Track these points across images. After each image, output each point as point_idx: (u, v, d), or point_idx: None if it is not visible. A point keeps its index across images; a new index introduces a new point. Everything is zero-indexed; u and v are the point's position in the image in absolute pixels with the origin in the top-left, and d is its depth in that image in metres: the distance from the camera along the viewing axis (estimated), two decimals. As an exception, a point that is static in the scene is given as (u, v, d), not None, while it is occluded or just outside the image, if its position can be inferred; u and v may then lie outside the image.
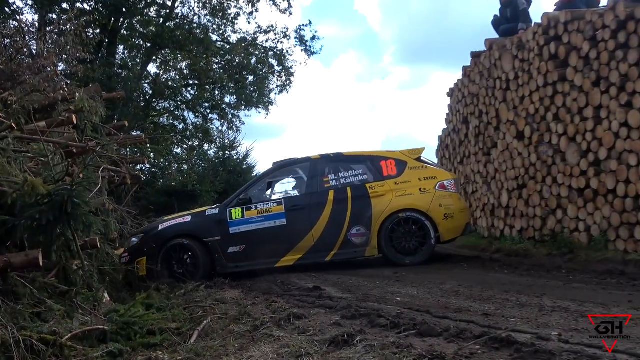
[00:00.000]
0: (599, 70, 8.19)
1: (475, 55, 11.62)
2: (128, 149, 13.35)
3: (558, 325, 4.44)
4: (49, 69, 9.76)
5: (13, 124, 6.83)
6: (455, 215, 8.65)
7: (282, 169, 9.49)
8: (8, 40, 9.61)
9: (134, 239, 8.93)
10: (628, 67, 7.74)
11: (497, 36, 11.39)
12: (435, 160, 13.16)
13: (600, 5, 10.06)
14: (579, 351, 3.62)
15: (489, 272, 7.59)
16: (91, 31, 17.62)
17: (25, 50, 10.95)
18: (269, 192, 9.38)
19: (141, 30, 19.95)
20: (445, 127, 13.40)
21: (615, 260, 7.59)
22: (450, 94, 12.96)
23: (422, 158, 9.19)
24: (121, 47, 20.53)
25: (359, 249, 8.69)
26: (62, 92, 9.23)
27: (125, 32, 20.04)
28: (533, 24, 10.07)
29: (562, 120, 8.92)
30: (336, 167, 9.06)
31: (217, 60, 20.80)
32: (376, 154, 9.27)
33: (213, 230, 8.79)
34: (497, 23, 11.53)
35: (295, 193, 9.25)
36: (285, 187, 9.49)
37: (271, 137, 53.02)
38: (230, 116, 21.29)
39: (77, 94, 9.28)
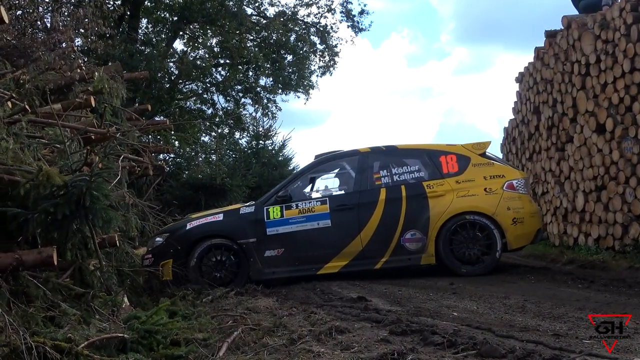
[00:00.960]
0: (696, 54, 8.06)
1: (550, 35, 11.51)
2: (150, 136, 13.53)
3: (641, 350, 4.41)
4: (65, 45, 9.99)
5: (26, 106, 6.96)
6: (525, 220, 8.51)
7: (327, 162, 9.50)
8: (20, 11, 9.85)
9: (158, 239, 8.94)
10: None
11: (576, 12, 11.27)
12: (500, 156, 13.07)
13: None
14: (666, 381, 3.59)
15: (560, 286, 7.52)
16: (112, 3, 17.98)
17: (39, 23, 11.23)
18: (311, 189, 9.41)
19: (167, 1, 20.18)
20: (513, 117, 13.30)
21: None
22: (520, 79, 12.86)
23: (487, 153, 9.11)
24: (144, 21, 20.85)
25: (413, 256, 8.64)
26: (79, 70, 9.44)
27: (149, 3, 20.30)
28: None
29: (650, 112, 8.81)
30: (388, 162, 9.01)
31: (251, 37, 20.93)
32: (435, 147, 9.22)
33: (248, 231, 8.78)
34: (576, -2, 11.43)
35: (342, 191, 9.24)
36: (330, 183, 9.51)
37: (311, 125, 53.17)
38: (265, 100, 21.41)
39: (95, 73, 9.47)
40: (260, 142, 17.43)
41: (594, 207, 9.83)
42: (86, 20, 10.72)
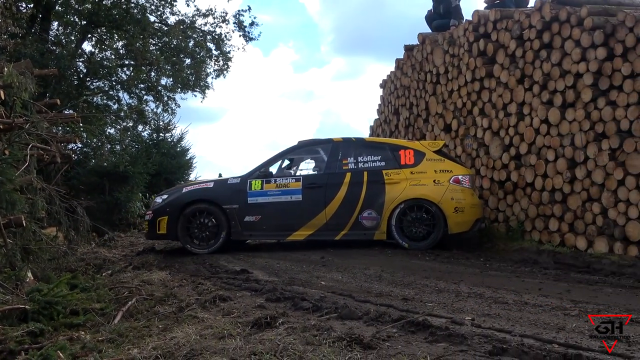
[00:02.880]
0: (524, 68, 8.46)
1: (409, 49, 11.77)
2: (59, 128, 12.91)
3: (472, 311, 4.59)
4: (-24, 42, 9.37)
5: None
6: (465, 210, 8.54)
7: (305, 147, 9.59)
8: None
9: (158, 199, 9.37)
10: (551, 66, 8.02)
11: (430, 31, 11.56)
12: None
13: (529, 5, 10.35)
14: (489, 335, 3.76)
15: (411, 259, 7.71)
16: (24, 5, 17.03)
17: (-48, 21, 10.47)
18: (288, 168, 9.52)
19: (76, 6, 19.26)
20: (377, 117, 13.54)
21: (530, 250, 7.90)
22: (383, 85, 13.10)
23: (443, 151, 9.18)
24: (55, 24, 19.80)
25: (368, 232, 8.76)
26: (-11, 66, 8.85)
27: (60, 8, 19.32)
28: (464, 21, 10.29)
29: (487, 115, 9.17)
30: (356, 151, 9.09)
31: (154, 42, 20.33)
32: (396, 142, 9.38)
33: (232, 198, 9.03)
34: (430, 18, 11.70)
35: (314, 172, 9.32)
36: (306, 165, 9.58)
37: (208, 121, 52.46)
38: (165, 98, 20.88)
39: (5, 69, 8.90)
40: (161, 134, 17.05)
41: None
42: (-2, 20, 10.08)
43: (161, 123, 17.52)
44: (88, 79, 19.90)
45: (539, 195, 8.13)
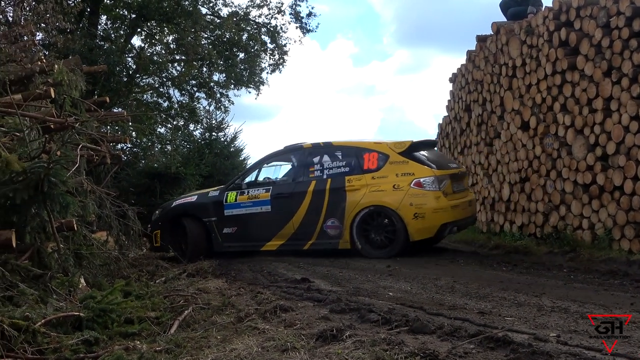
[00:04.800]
0: (611, 59, 8.25)
1: (481, 39, 11.63)
2: (109, 127, 13.29)
3: (557, 326, 4.51)
4: (26, 38, 9.72)
5: (-13, 96, 6.79)
6: (426, 216, 8.59)
7: (279, 155, 10.04)
8: (-19, 5, 9.56)
9: (156, 212, 10.32)
10: (641, 57, 7.80)
11: (505, 19, 11.41)
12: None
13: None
14: (577, 353, 3.69)
15: (486, 269, 7.65)
16: (72, -1, 17.59)
17: (1, 17, 10.90)
18: (262, 177, 9.95)
19: (126, 0, 19.83)
20: (446, 114, 13.43)
21: (619, 261, 7.69)
22: (453, 79, 12.99)
23: (411, 152, 9.15)
24: (104, 18, 20.42)
25: (333, 241, 9.07)
26: (39, 63, 9.17)
27: (108, 1, 19.91)
28: (544, 8, 10.11)
29: (569, 111, 8.98)
30: (323, 157, 9.38)
31: (206, 35, 20.70)
32: (363, 145, 9.41)
33: (211, 211, 9.80)
34: (505, 5, 11.55)
35: (282, 181, 9.74)
36: (279, 174, 10.01)
37: (262, 119, 52.95)
38: (218, 95, 21.25)
39: (55, 66, 9.22)
40: (213, 133, 17.30)
41: (518, 197, 10.02)
42: (47, 15, 10.42)
43: (214, 121, 17.77)
44: (137, 75, 20.43)
45: (628, 200, 7.91)
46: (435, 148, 10.25)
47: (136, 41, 21.47)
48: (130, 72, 20.12)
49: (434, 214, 8.64)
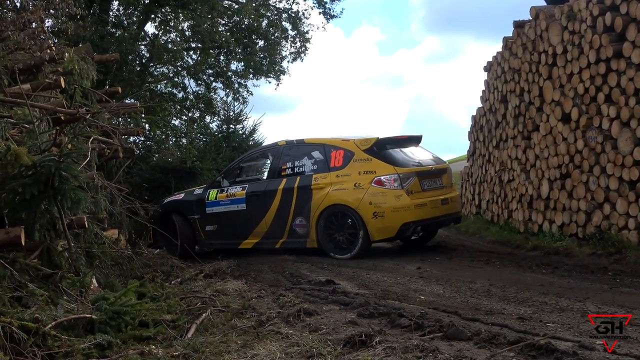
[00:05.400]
0: (661, 46, 8.13)
1: (518, 25, 11.54)
2: (121, 119, 13.38)
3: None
4: (35, 25, 9.79)
5: (-6, 86, 6.84)
6: (386, 215, 8.81)
7: (256, 153, 10.84)
8: (-12, -9, 9.64)
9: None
10: (694, 43, 7.69)
11: (544, 4, 11.31)
12: (467, 144, 13.13)
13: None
14: (626, 363, 3.64)
15: (524, 272, 7.59)
16: (83, -16, 17.69)
17: (9, 2, 10.99)
18: (237, 176, 10.54)
19: (139, -16, 19.91)
20: (481, 105, 13.34)
21: (670, 263, 7.59)
22: (488, 68, 12.89)
23: (378, 149, 9.36)
24: (116, 3, 20.51)
25: (301, 240, 9.48)
26: (49, 51, 9.25)
27: (120, -15, 20.01)
28: (586, -9, 10.00)
29: (615, 102, 8.87)
30: (295, 155, 9.80)
31: (223, 22, 20.75)
32: (330, 142, 9.72)
33: (195, 209, 10.49)
34: (544, -11, 11.46)
35: (256, 179, 10.25)
36: (257, 172, 10.55)
37: (283, 111, 53.29)
38: (236, 85, 21.29)
39: (66, 54, 9.29)
40: (231, 126, 17.34)
41: (559, 194, 9.91)
42: (57, 0, 10.51)
43: (231, 113, 17.80)
44: (151, 64, 20.52)
45: (679, 198, 7.81)
46: (419, 144, 10.37)
47: (150, 28, 21.57)
48: (144, 61, 20.21)
49: (394, 213, 8.85)
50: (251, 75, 21.38)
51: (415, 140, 10.41)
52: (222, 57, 21.15)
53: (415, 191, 9.07)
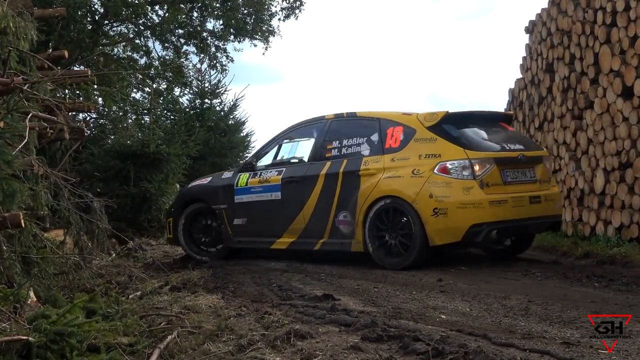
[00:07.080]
0: None
1: (568, -25, 11.56)
2: (67, 91, 13.36)
3: (671, 363, 4.48)
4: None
5: None
6: (449, 212, 8.31)
7: (299, 128, 10.22)
8: None
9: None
10: None
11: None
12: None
13: None
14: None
15: (572, 285, 7.60)
16: None
17: None
18: (279, 156, 10.24)
19: None
20: (520, 76, 13.36)
21: None
22: (530, 29, 12.91)
23: (446, 126, 8.88)
24: (61, -56, 20.48)
25: (345, 241, 9.11)
26: (-24, 5, 9.23)
27: None
28: None
29: (688, 73, 8.90)
30: (343, 132, 9.50)
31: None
32: (389, 117, 9.36)
33: (221, 197, 10.28)
34: None
35: (296, 161, 10.00)
36: (298, 153, 10.16)
37: (270, 81, 53.19)
38: (213, 49, 21.27)
39: (-3, 9, 9.28)
40: (206, 100, 17.36)
41: (617, 188, 9.93)
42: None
43: (207, 84, 17.82)
44: (106, 22, 20.44)
45: None
46: (503, 123, 9.78)
47: (104, -24, 21.52)
48: (97, 18, 20.18)
49: (460, 211, 8.35)
50: (232, 37, 21.36)
51: (500, 118, 10.03)
52: (195, 14, 21.12)
53: (493, 184, 8.57)
